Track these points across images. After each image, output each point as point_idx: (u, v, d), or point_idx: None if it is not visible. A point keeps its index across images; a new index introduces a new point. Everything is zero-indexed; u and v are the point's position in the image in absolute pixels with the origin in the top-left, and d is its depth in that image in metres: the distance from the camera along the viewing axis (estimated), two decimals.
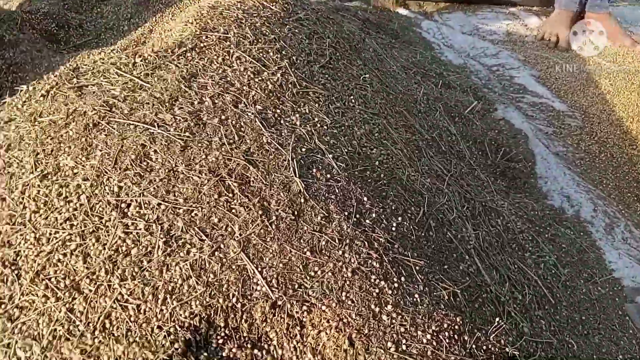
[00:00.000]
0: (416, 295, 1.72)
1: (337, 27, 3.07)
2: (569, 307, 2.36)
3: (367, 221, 1.83)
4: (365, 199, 1.89)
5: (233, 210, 1.70)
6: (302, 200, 1.78)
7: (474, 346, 1.70)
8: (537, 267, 2.45)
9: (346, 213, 1.81)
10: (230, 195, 1.72)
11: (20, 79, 2.63)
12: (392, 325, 1.63)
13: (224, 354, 1.53)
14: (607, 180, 3.38)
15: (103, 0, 3.70)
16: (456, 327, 1.71)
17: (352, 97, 2.38)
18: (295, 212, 1.75)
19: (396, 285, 1.71)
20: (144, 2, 3.57)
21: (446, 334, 1.68)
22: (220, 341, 1.54)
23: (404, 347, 1.60)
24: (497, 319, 1.81)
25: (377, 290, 1.67)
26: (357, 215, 1.83)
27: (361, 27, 4.27)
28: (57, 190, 1.66)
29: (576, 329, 2.31)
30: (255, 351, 1.56)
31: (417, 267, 1.81)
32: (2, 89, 2.57)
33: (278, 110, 2.05)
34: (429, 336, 1.64)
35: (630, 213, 3.12)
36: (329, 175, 1.89)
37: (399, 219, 1.92)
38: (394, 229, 1.87)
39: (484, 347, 1.73)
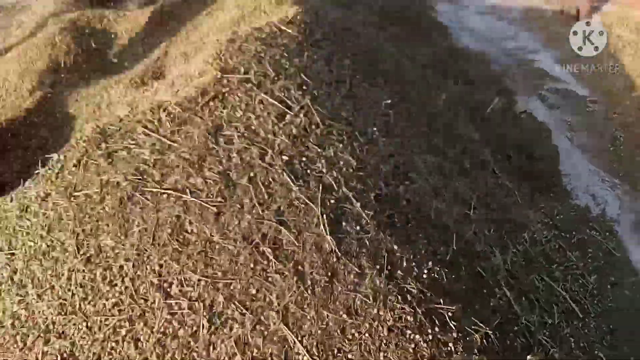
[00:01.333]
0: (450, 344, 1.79)
1: (355, 39, 3.05)
2: (597, 318, 2.41)
3: (399, 272, 1.89)
4: (395, 247, 1.94)
5: (269, 279, 1.76)
6: (335, 259, 1.83)
7: None
8: (564, 279, 2.49)
9: (378, 267, 1.86)
10: (265, 262, 1.79)
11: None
12: None
13: None
14: (633, 170, 3.35)
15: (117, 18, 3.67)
16: None
17: (375, 127, 2.39)
18: (329, 273, 1.81)
19: (430, 337, 1.78)
20: (158, 21, 3.57)
21: None
22: None
23: None
24: (528, 357, 1.87)
25: (412, 345, 1.74)
26: (389, 267, 1.88)
27: (378, 22, 4.22)
28: (102, 274, 1.74)
29: (605, 339, 2.35)
30: None
31: (449, 314, 1.87)
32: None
33: (304, 158, 2.08)
34: None
35: None
36: (358, 227, 1.94)
37: (430, 263, 1.97)
38: (425, 276, 1.92)
39: None
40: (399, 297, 1.82)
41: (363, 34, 3.24)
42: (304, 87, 2.36)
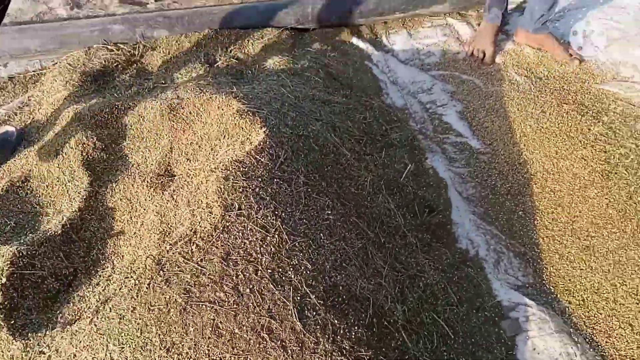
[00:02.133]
0: None
1: (306, 148, 4.43)
2: (464, 335, 3.99)
3: (338, 337, 3.41)
4: (336, 321, 3.45)
5: (268, 352, 3.26)
6: (302, 336, 3.34)
7: None
8: (444, 311, 4.06)
9: (326, 336, 3.38)
10: (265, 343, 3.28)
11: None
12: None
13: None
14: (502, 215, 4.76)
15: (124, 109, 4.86)
16: None
17: (321, 233, 3.85)
18: (300, 344, 3.31)
19: None
20: (158, 118, 4.74)
21: None
22: None
23: None
24: None
25: None
26: (333, 335, 3.40)
27: (324, 91, 5.53)
28: (177, 358, 3.22)
29: (467, 349, 3.96)
30: None
31: (367, 357, 3.41)
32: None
33: (280, 269, 3.54)
34: None
35: (513, 243, 4.64)
36: (314, 312, 3.44)
37: (355, 328, 3.49)
38: (353, 336, 3.45)
39: None
40: (339, 352, 3.34)
41: (312, 135, 4.61)
42: (276, 212, 3.78)
